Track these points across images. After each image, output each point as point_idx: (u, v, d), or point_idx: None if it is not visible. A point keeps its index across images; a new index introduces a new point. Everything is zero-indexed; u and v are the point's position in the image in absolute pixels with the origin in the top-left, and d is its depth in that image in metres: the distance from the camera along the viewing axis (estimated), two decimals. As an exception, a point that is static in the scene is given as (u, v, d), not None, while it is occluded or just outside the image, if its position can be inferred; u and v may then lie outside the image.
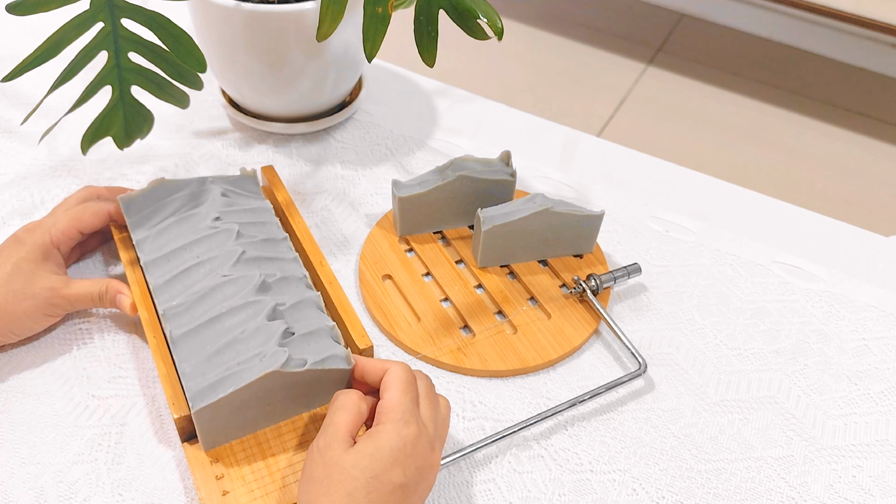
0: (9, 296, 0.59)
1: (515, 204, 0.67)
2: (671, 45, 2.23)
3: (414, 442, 0.48)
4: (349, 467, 0.47)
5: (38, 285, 0.60)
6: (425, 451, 0.49)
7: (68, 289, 0.61)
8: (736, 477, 0.57)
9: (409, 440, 0.48)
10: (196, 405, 0.51)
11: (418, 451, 0.48)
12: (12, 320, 0.59)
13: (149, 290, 0.61)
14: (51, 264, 0.62)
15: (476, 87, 1.16)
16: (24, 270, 0.60)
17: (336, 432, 0.48)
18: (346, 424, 0.49)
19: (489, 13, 0.62)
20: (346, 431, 0.49)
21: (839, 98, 2.08)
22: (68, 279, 0.62)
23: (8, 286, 0.59)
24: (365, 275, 0.68)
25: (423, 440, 0.49)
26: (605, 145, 0.84)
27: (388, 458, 0.47)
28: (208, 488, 0.52)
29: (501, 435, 0.57)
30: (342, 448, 0.48)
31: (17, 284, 0.59)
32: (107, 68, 0.63)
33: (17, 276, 0.60)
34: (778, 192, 1.13)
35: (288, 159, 0.79)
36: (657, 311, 0.67)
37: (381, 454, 0.47)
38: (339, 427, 0.49)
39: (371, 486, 0.46)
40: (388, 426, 0.48)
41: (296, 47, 0.71)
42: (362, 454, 0.47)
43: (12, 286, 0.59)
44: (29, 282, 0.60)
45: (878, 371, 0.64)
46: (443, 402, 0.53)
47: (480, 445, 0.56)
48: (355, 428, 0.50)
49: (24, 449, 0.56)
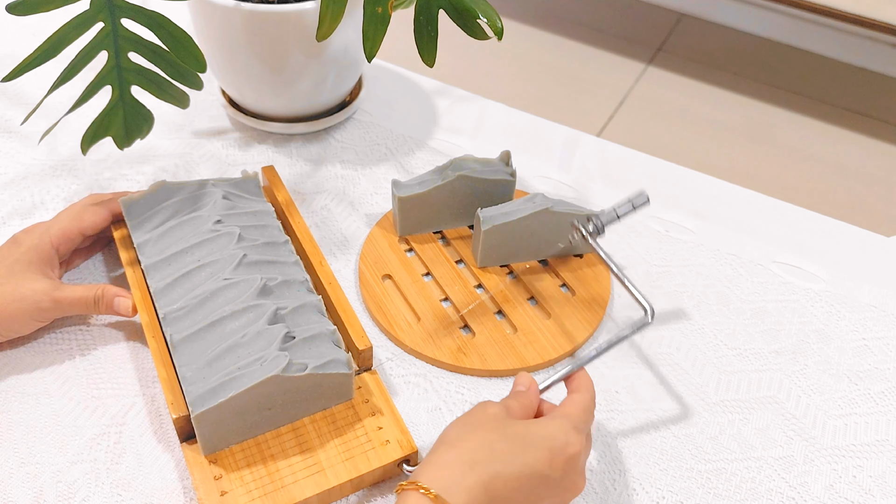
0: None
1: (515, 204, 0.67)
2: (671, 45, 2.23)
3: (576, 448, 0.47)
4: (506, 426, 0.47)
5: (28, 287, 0.59)
6: (578, 468, 0.48)
7: (59, 292, 0.60)
8: (736, 477, 0.57)
9: (569, 443, 0.47)
10: (196, 409, 0.51)
11: (573, 461, 0.47)
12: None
13: (149, 293, 0.61)
14: (44, 267, 0.61)
15: (476, 87, 1.16)
16: (15, 272, 0.60)
17: (508, 404, 0.49)
18: (520, 406, 0.50)
19: (489, 13, 0.62)
20: (519, 410, 0.50)
21: (839, 98, 2.08)
22: (60, 283, 0.61)
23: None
24: (365, 275, 0.68)
25: (582, 455, 0.48)
26: (605, 145, 0.83)
27: (545, 443, 0.46)
28: (207, 488, 0.52)
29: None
30: (503, 412, 0.48)
31: (8, 286, 0.59)
32: (107, 68, 0.63)
33: (8, 278, 0.59)
34: (778, 192, 1.13)
35: (288, 159, 0.79)
36: (657, 311, 0.67)
37: (542, 433, 0.47)
38: (511, 403, 0.50)
39: (515, 449, 0.46)
40: (561, 421, 0.48)
41: (296, 47, 0.71)
42: (522, 425, 0.47)
43: (2, 288, 0.59)
44: (19, 284, 0.59)
45: (878, 371, 0.64)
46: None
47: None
48: (523, 411, 0.50)
49: (24, 449, 0.56)
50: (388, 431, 0.55)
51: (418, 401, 0.60)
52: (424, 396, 0.61)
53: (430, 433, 0.58)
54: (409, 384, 0.61)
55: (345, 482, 0.53)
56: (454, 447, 0.46)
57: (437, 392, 0.61)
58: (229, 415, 0.52)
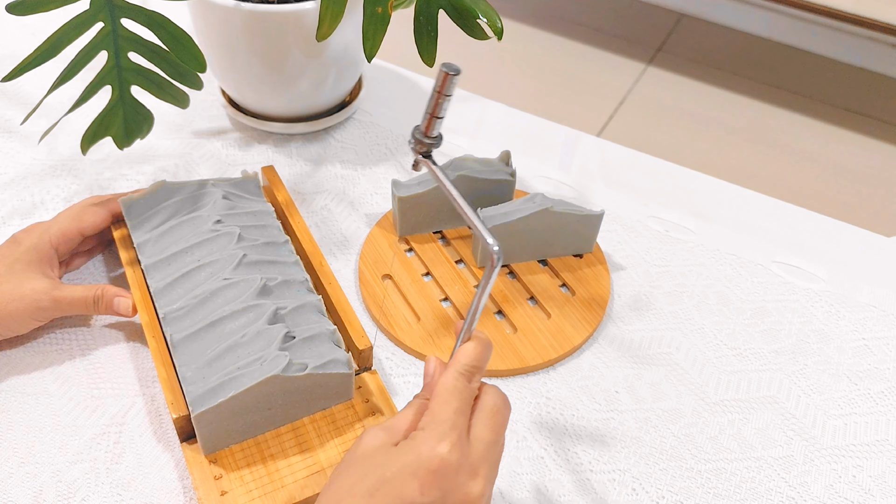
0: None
1: (515, 204, 0.67)
2: (671, 45, 2.23)
3: (445, 460, 0.42)
4: (367, 458, 0.43)
5: (28, 287, 0.59)
6: (461, 476, 0.42)
7: (58, 292, 0.60)
8: (736, 477, 0.57)
9: (438, 457, 0.42)
10: (196, 409, 0.51)
11: (449, 473, 0.42)
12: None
13: (149, 293, 0.61)
14: (44, 266, 0.61)
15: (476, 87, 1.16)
16: (15, 272, 0.60)
17: (393, 423, 0.45)
18: (404, 419, 0.45)
19: (489, 13, 0.62)
20: (402, 426, 0.45)
21: (839, 98, 2.08)
22: (60, 283, 0.61)
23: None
24: (365, 274, 0.68)
25: (462, 463, 0.42)
26: (605, 145, 0.83)
27: (408, 469, 0.42)
28: (206, 488, 0.52)
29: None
30: (382, 440, 0.44)
31: (7, 285, 0.59)
32: (107, 68, 0.63)
33: (8, 277, 0.59)
34: (778, 192, 1.13)
35: (288, 159, 0.79)
36: (657, 311, 0.67)
37: (401, 461, 0.42)
38: (396, 420, 0.45)
39: (377, 488, 0.41)
40: (420, 435, 0.43)
41: (296, 47, 0.71)
42: (386, 455, 0.43)
43: (2, 287, 0.59)
44: (19, 283, 0.59)
45: (878, 371, 0.64)
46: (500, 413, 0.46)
47: None
48: (416, 417, 0.45)
49: (23, 448, 0.56)
50: (388, 431, 0.55)
51: (418, 401, 0.60)
52: (424, 396, 0.61)
53: (430, 433, 0.58)
54: (409, 384, 0.61)
55: (345, 482, 0.53)
56: (323, 494, 0.43)
57: (437, 392, 0.61)
58: (229, 415, 0.52)
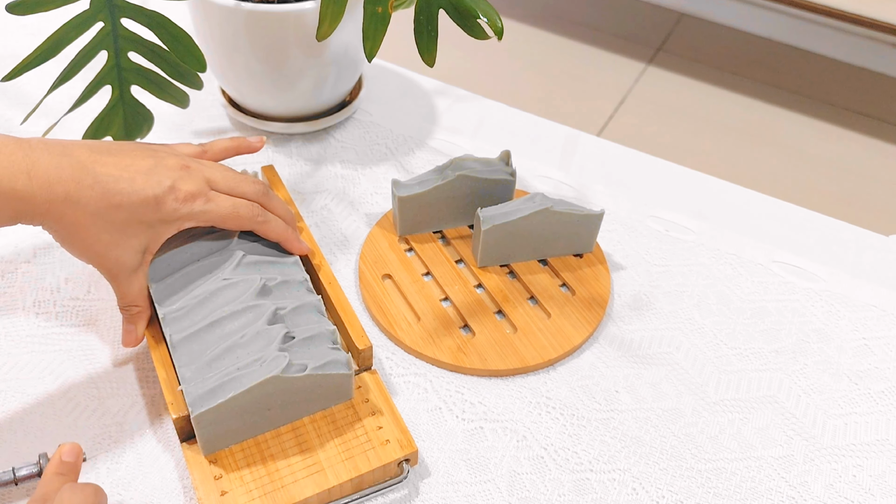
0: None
1: (515, 203, 0.67)
2: (671, 45, 2.23)
3: None
4: None
5: (128, 244, 0.54)
6: None
7: (131, 273, 0.55)
8: (736, 476, 0.57)
9: None
10: (196, 410, 0.51)
11: None
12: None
13: (149, 294, 0.61)
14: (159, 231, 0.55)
15: (476, 86, 1.16)
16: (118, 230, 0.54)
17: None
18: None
19: (489, 13, 0.62)
20: None
21: (839, 98, 2.08)
22: (143, 269, 0.57)
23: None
24: (365, 274, 0.68)
25: None
26: (605, 145, 0.84)
27: None
28: (206, 488, 0.52)
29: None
30: None
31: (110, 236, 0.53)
32: (107, 68, 0.63)
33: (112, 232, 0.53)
34: (778, 191, 1.13)
35: (288, 159, 0.79)
36: (657, 311, 0.67)
37: None
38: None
39: None
40: None
41: (296, 47, 0.71)
42: None
43: (103, 237, 0.53)
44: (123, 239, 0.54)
45: (878, 370, 0.64)
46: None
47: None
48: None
49: (24, 448, 0.56)
50: (388, 431, 0.55)
51: (418, 401, 0.60)
52: (424, 396, 0.61)
53: (430, 433, 0.58)
54: (409, 384, 0.62)
55: (345, 482, 0.53)
56: None
57: (437, 392, 0.61)
58: (229, 415, 0.52)
